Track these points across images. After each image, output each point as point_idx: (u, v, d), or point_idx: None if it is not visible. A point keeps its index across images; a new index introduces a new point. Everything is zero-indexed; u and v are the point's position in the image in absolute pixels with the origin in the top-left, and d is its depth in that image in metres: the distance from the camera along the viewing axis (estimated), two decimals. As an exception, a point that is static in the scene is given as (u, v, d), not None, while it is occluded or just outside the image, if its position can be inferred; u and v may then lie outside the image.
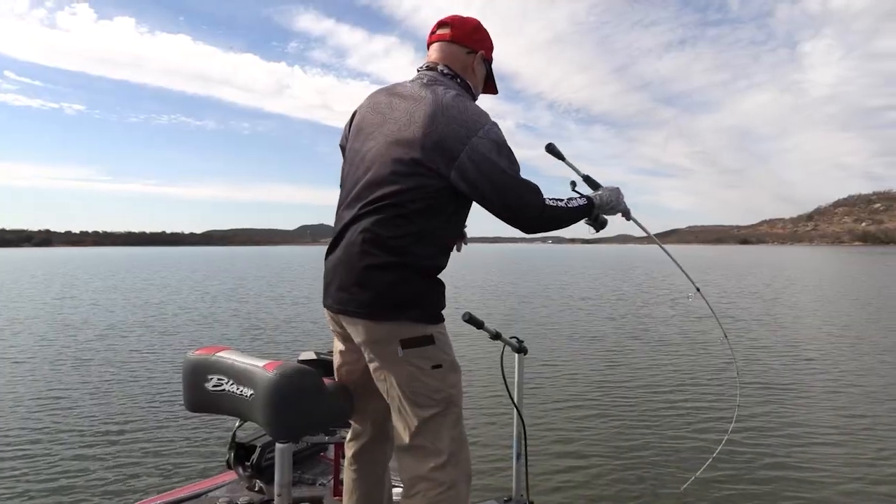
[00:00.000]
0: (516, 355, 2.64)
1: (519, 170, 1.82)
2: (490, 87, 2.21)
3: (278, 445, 1.91)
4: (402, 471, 1.92)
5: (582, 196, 1.99)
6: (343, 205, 1.95)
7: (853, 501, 4.44)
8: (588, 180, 2.19)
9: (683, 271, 2.78)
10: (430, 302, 1.84)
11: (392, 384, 1.86)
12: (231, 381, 1.96)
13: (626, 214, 2.16)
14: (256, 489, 2.77)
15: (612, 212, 2.06)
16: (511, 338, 2.58)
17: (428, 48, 2.08)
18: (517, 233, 1.94)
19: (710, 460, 3.48)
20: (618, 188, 2.07)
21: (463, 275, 36.86)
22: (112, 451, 5.48)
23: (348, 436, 2.28)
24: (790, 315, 15.92)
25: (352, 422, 2.23)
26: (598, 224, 2.10)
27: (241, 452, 2.74)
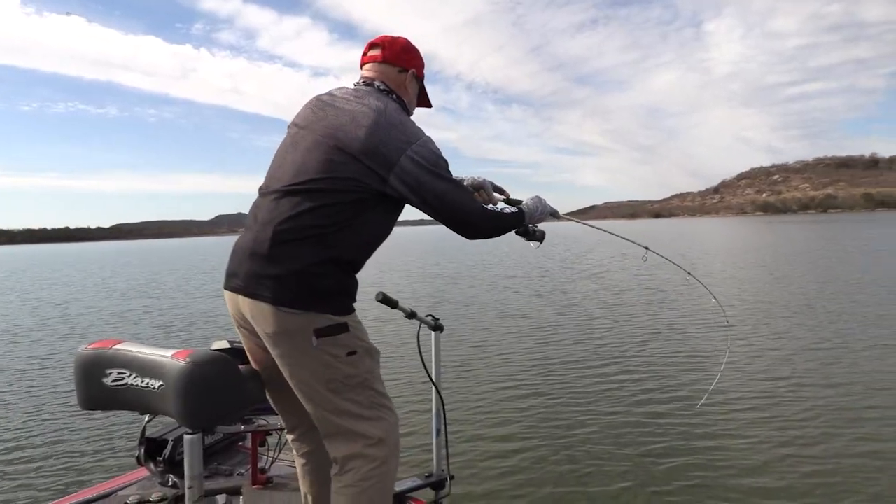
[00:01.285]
0: (433, 333, 2.66)
1: (455, 179, 1.93)
2: (424, 101, 2.32)
3: (186, 437, 1.83)
4: (333, 451, 1.92)
5: (512, 207, 2.12)
6: (266, 189, 1.94)
7: (779, 470, 4.71)
8: (509, 202, 2.31)
9: (630, 240, 2.95)
10: (345, 293, 1.87)
11: (305, 374, 1.85)
12: (134, 375, 1.86)
13: (556, 215, 2.31)
14: (170, 484, 2.66)
15: (541, 217, 2.21)
16: (427, 316, 2.59)
17: (361, 68, 2.17)
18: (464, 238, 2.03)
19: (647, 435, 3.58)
20: (538, 196, 2.23)
21: (388, 258, 36.80)
22: (13, 457, 5.15)
23: (286, 428, 2.25)
24: (709, 282, 16.81)
25: (280, 413, 2.21)
26: (537, 237, 2.26)
27: (151, 447, 2.63)
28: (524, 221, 2.12)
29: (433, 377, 2.62)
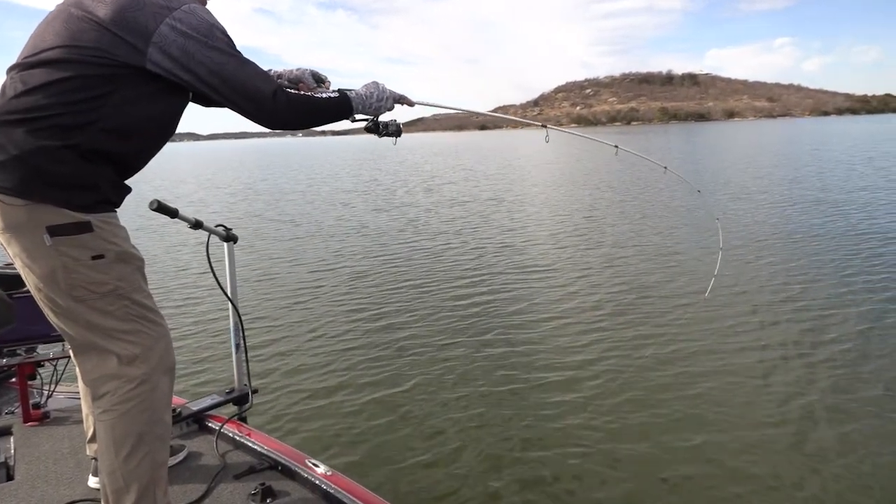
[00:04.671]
0: (225, 245, 2.43)
1: (240, 53, 1.62)
2: None
3: None
4: (84, 374, 1.69)
5: (333, 93, 1.82)
6: (7, 70, 1.60)
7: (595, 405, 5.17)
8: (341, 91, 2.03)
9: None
10: (90, 187, 1.57)
11: (41, 278, 1.57)
12: None
13: (405, 101, 1.98)
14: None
15: (381, 106, 1.88)
16: (217, 226, 2.35)
17: None
18: (264, 127, 1.70)
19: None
20: (375, 81, 1.90)
21: (206, 174, 34.31)
22: None
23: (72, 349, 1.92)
24: (529, 196, 17.81)
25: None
26: (390, 132, 1.99)
27: None
28: (352, 110, 1.82)
29: (228, 291, 2.44)
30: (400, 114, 2.00)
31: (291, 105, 1.64)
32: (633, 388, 4.41)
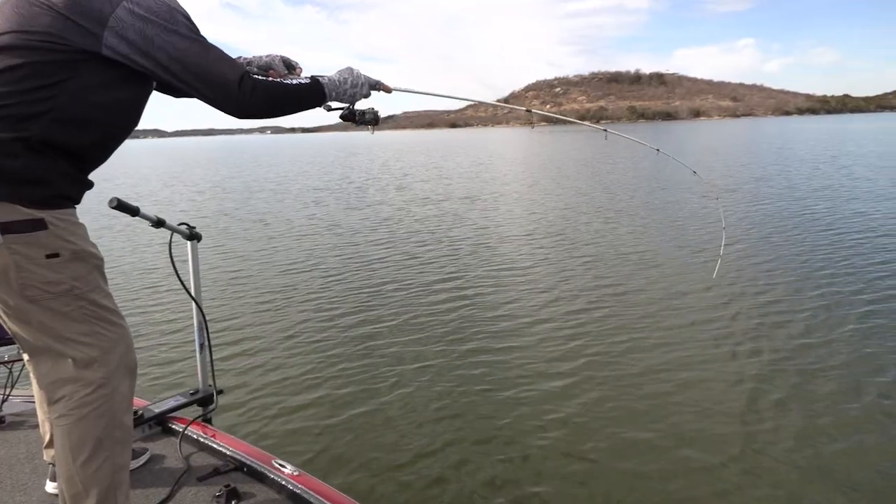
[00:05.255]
0: (188, 243, 2.37)
1: (203, 38, 1.54)
2: None
3: None
4: (39, 378, 1.62)
5: (304, 79, 1.71)
6: None
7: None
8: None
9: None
10: (44, 181, 1.49)
11: None
12: None
13: (381, 87, 1.86)
14: None
15: (357, 92, 1.79)
16: (180, 224, 2.29)
17: None
18: (232, 122, 1.55)
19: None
20: (350, 67, 1.81)
21: (172, 172, 33.67)
22: None
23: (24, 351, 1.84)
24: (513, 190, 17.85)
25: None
26: (367, 120, 1.88)
27: None
28: (325, 97, 1.72)
29: (192, 290, 2.38)
30: (377, 102, 1.91)
31: (259, 92, 1.55)
32: (612, 386, 4.43)
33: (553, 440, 3.72)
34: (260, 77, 1.61)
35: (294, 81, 1.67)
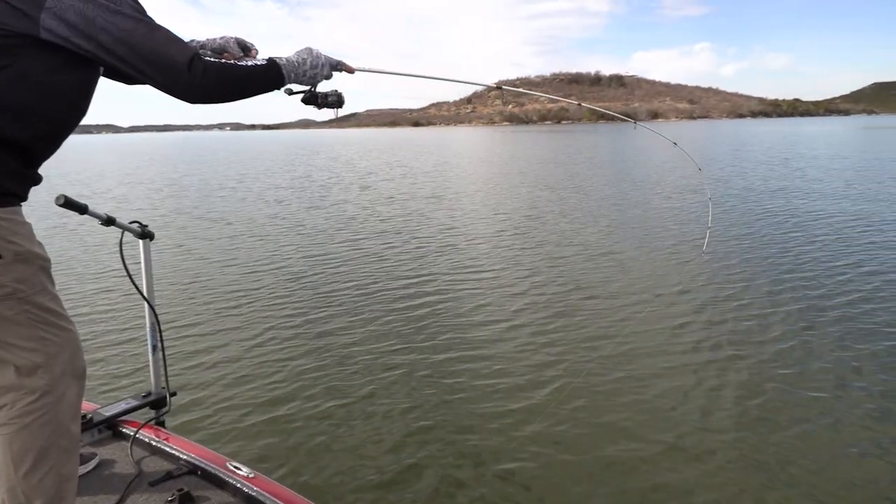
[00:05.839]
0: (140, 242, 2.31)
1: (150, 18, 1.46)
2: None
3: None
4: None
5: (260, 60, 1.63)
6: None
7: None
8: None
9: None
10: None
11: None
12: None
13: (343, 67, 1.77)
14: None
15: (317, 73, 1.69)
16: (132, 223, 2.23)
17: None
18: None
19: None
20: (309, 47, 1.71)
21: (128, 169, 32.76)
22: None
23: None
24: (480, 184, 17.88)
25: None
26: (330, 102, 1.77)
27: None
28: (283, 79, 1.62)
29: (144, 290, 2.32)
30: (339, 86, 1.82)
31: (211, 75, 1.46)
32: (583, 390, 4.42)
33: (526, 448, 3.69)
34: (212, 59, 1.52)
35: (249, 63, 1.59)
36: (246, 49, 1.84)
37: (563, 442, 3.69)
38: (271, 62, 1.61)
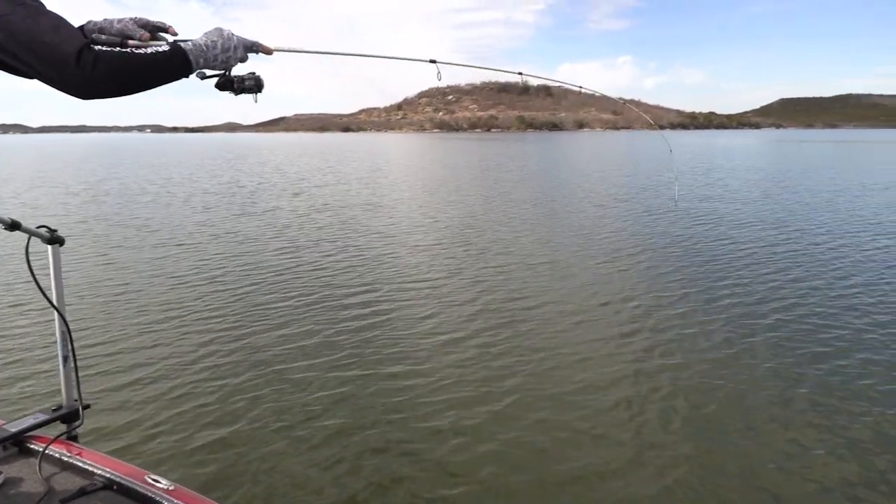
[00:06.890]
0: (49, 247, 2.19)
1: (33, 2, 1.30)
2: None
3: None
4: None
5: (161, 44, 1.45)
6: None
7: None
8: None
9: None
10: None
11: None
12: None
13: (260, 48, 1.59)
14: None
15: (230, 56, 1.51)
16: (40, 227, 2.11)
17: None
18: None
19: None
20: (218, 28, 1.54)
21: (39, 171, 30.83)
22: None
23: None
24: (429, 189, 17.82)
25: None
26: (247, 88, 1.59)
27: None
28: (189, 65, 1.44)
29: (53, 299, 2.19)
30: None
31: (102, 66, 1.28)
32: (533, 401, 4.52)
33: (461, 454, 3.74)
34: (105, 48, 1.33)
35: (149, 50, 1.40)
36: (159, 29, 1.57)
37: (513, 454, 3.70)
38: (175, 48, 1.43)
